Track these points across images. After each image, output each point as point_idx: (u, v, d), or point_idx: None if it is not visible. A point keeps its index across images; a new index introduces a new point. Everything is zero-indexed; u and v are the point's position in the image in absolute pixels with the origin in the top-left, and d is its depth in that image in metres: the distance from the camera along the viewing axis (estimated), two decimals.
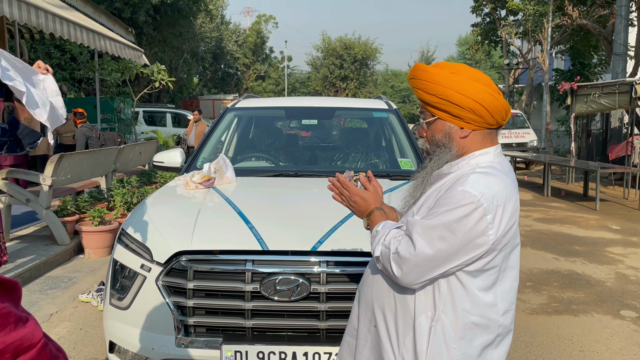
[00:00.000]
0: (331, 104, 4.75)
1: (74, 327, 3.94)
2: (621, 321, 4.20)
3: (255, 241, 2.42)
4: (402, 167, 3.87)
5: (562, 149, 19.78)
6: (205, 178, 3.29)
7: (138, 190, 6.69)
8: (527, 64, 22.10)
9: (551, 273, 5.45)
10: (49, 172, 5.68)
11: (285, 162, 4.19)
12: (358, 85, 40.08)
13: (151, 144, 9.32)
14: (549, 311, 4.39)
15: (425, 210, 1.55)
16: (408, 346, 1.55)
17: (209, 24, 32.77)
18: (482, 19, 23.28)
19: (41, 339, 0.90)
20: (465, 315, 1.51)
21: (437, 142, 1.62)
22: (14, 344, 0.85)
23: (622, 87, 11.00)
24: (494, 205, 1.45)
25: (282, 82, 44.80)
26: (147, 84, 14.79)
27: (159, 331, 2.39)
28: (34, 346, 0.88)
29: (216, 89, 39.28)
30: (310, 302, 2.31)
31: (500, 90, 1.61)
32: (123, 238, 2.67)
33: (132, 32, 14.11)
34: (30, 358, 0.87)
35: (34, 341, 0.88)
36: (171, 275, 2.39)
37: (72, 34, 7.82)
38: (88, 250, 5.76)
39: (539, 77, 22.11)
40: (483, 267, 1.50)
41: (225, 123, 4.30)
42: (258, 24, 41.77)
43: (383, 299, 1.61)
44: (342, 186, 1.74)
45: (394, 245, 1.51)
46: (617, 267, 5.68)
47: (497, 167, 1.56)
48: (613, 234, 7.32)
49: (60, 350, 0.97)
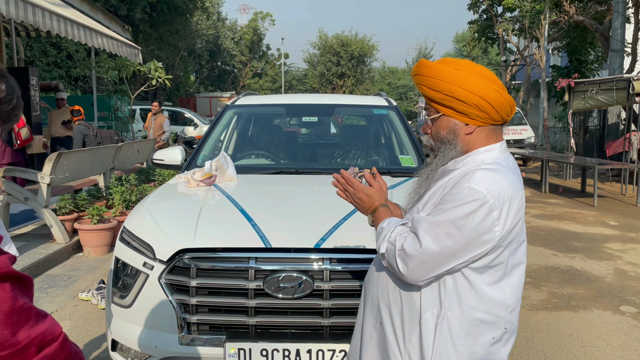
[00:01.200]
0: (331, 101, 4.74)
1: (74, 325, 3.93)
2: (621, 317, 4.22)
3: (258, 238, 2.41)
4: (402, 164, 3.86)
5: (559, 146, 19.82)
6: (206, 176, 3.28)
7: (137, 188, 6.67)
8: (524, 61, 22.12)
9: (550, 269, 5.46)
10: (47, 170, 5.66)
11: (286, 159, 4.19)
12: (355, 82, 40.03)
13: (149, 142, 9.30)
14: (549, 307, 4.40)
15: (430, 207, 1.55)
16: (414, 343, 1.55)
17: (206, 21, 32.68)
18: (479, 16, 23.27)
19: (62, 333, 0.93)
20: (472, 311, 1.51)
21: (442, 138, 1.61)
22: (38, 338, 0.87)
23: (619, 83, 11.02)
24: (500, 201, 1.45)
25: (279, 80, 44.71)
26: (144, 81, 14.75)
27: (162, 329, 2.39)
28: (56, 339, 0.91)
29: (213, 86, 39.19)
30: (313, 300, 2.31)
31: (504, 86, 1.60)
32: (125, 236, 2.66)
33: (128, 30, 14.06)
34: (54, 350, 0.89)
35: (55, 334, 0.91)
36: (174, 273, 2.39)
37: (69, 31, 7.79)
38: (87, 248, 5.74)
39: (536, 74, 22.14)
40: (489, 263, 1.50)
41: (225, 120, 4.29)
42: (254, 21, 41.65)
43: (389, 296, 1.61)
44: (346, 182, 1.73)
45: (399, 242, 1.51)
46: (615, 263, 5.70)
47: (502, 164, 1.55)
48: (611, 229, 7.34)
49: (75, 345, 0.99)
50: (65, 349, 0.91)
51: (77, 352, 0.96)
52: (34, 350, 0.86)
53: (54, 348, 0.89)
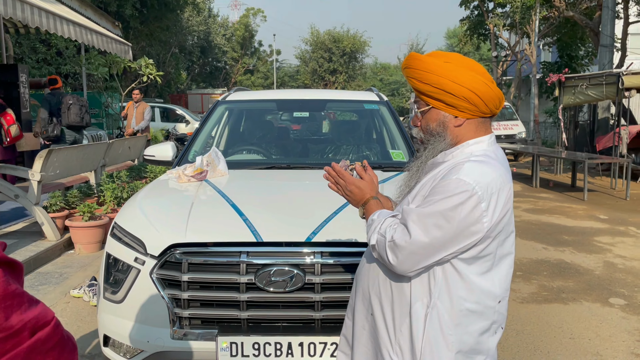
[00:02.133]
0: (323, 96, 4.75)
1: (66, 322, 3.92)
2: (610, 309, 4.26)
3: (249, 233, 2.41)
4: (393, 158, 3.88)
5: (550, 141, 19.94)
6: (197, 171, 3.28)
7: (128, 185, 6.64)
8: (515, 57, 22.22)
9: (541, 262, 5.51)
10: (37, 167, 5.63)
11: (277, 154, 4.19)
12: (347, 78, 40.04)
13: (140, 138, 9.25)
14: (539, 300, 4.44)
15: (420, 199, 1.56)
16: (405, 333, 1.56)
17: (196, 17, 32.52)
18: (470, 12, 23.34)
19: (54, 318, 0.94)
20: (461, 302, 1.53)
21: (432, 131, 1.63)
22: (32, 322, 0.89)
23: (609, 78, 11.10)
24: (489, 193, 1.47)
25: (271, 76, 44.61)
26: (135, 78, 14.67)
27: (154, 324, 2.39)
28: (49, 323, 0.92)
29: (204, 83, 39.03)
30: (305, 293, 2.32)
31: (493, 79, 1.62)
32: (116, 231, 2.66)
33: (119, 26, 13.97)
34: (46, 334, 0.91)
35: (47, 319, 0.92)
36: (165, 268, 2.39)
37: (58, 27, 7.72)
38: (78, 245, 5.72)
39: (527, 70, 22.25)
40: (478, 254, 1.52)
41: (217, 116, 4.29)
42: (246, 17, 41.50)
43: (379, 287, 1.62)
44: (337, 175, 1.74)
45: (389, 234, 1.52)
46: (605, 256, 5.75)
47: (491, 156, 1.57)
48: (601, 223, 7.41)
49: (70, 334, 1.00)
50: (57, 334, 0.93)
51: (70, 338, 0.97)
52: (27, 334, 0.88)
53: (47, 332, 0.90)
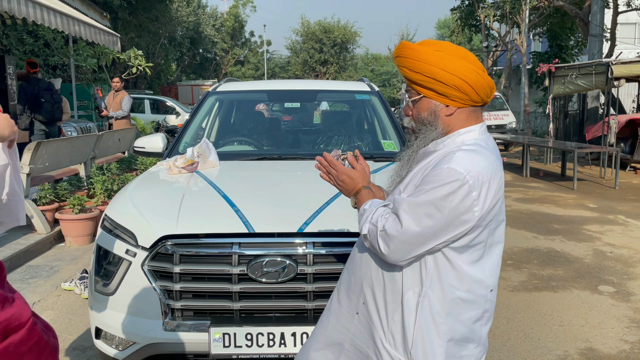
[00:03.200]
0: (314, 87, 4.73)
1: (57, 315, 3.90)
2: (599, 296, 4.31)
3: (241, 224, 2.41)
4: (385, 148, 3.88)
5: (540, 130, 20.03)
6: (188, 162, 3.26)
7: (118, 177, 6.60)
8: (505, 47, 22.24)
9: (531, 251, 5.56)
10: (26, 160, 5.57)
11: (268, 145, 4.17)
12: (338, 69, 39.92)
13: (130, 130, 9.19)
14: (529, 288, 4.48)
15: (411, 188, 1.56)
16: (397, 322, 1.57)
17: (186, 8, 32.18)
18: (461, 2, 23.30)
19: (30, 318, 0.88)
20: (452, 290, 1.53)
21: (423, 120, 1.62)
22: (3, 324, 0.83)
23: (598, 67, 11.16)
24: (480, 182, 1.47)
25: (262, 67, 44.37)
26: (124, 69, 14.52)
27: (146, 316, 2.38)
28: (23, 325, 0.86)
29: (195, 74, 38.73)
30: (297, 283, 2.33)
31: (485, 68, 1.61)
32: (106, 223, 2.64)
33: (107, 17, 13.81)
34: (20, 338, 0.85)
35: (22, 320, 0.86)
36: (157, 260, 2.38)
37: (46, 18, 7.61)
38: (69, 238, 5.68)
39: (517, 60, 22.29)
40: (469, 243, 1.52)
41: (207, 107, 4.26)
42: (236, 7, 41.15)
43: (371, 277, 1.63)
44: (329, 165, 1.74)
45: (381, 223, 1.52)
46: (594, 244, 5.81)
47: (482, 145, 1.57)
48: (590, 212, 7.48)
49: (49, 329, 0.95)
50: (33, 336, 0.87)
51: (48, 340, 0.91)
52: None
53: (20, 335, 0.85)
